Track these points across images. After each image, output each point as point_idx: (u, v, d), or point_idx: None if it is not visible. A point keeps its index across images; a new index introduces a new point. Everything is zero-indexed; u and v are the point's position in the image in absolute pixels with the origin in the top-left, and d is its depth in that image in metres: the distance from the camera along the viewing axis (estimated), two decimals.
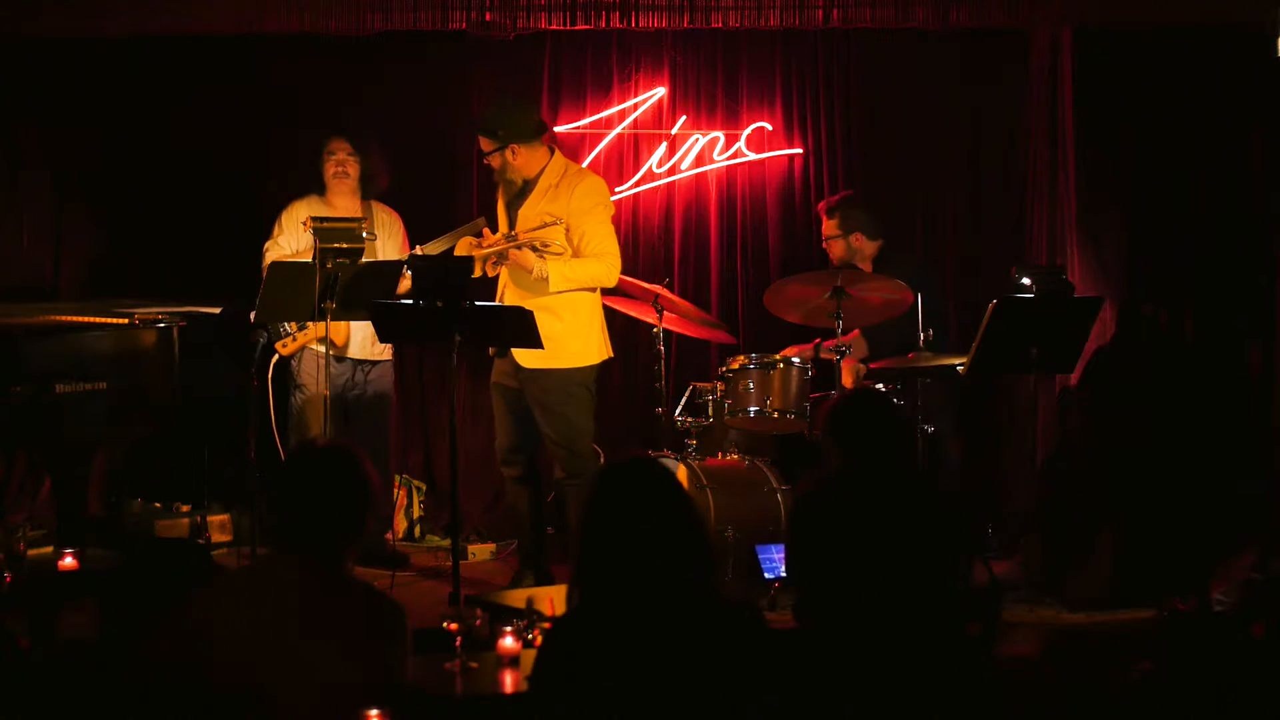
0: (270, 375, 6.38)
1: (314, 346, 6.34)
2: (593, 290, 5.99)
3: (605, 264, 5.93)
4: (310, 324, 6.25)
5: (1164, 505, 6.08)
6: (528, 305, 5.71)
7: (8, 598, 4.63)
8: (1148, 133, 7.17)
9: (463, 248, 5.97)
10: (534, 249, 5.77)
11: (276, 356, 6.42)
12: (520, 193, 5.99)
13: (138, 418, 6.16)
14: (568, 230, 5.88)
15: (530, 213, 5.92)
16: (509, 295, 5.93)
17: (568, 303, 5.91)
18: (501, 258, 5.84)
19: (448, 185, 7.43)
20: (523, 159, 5.95)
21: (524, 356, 5.85)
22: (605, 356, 6.08)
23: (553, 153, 6.04)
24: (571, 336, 5.93)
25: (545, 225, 5.79)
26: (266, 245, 6.53)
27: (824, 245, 6.80)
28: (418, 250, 6.03)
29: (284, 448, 6.37)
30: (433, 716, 3.51)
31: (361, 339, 6.48)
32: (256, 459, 5.84)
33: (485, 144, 5.99)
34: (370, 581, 3.45)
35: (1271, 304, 6.96)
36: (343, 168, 6.54)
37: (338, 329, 6.36)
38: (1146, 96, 7.14)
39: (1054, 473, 6.63)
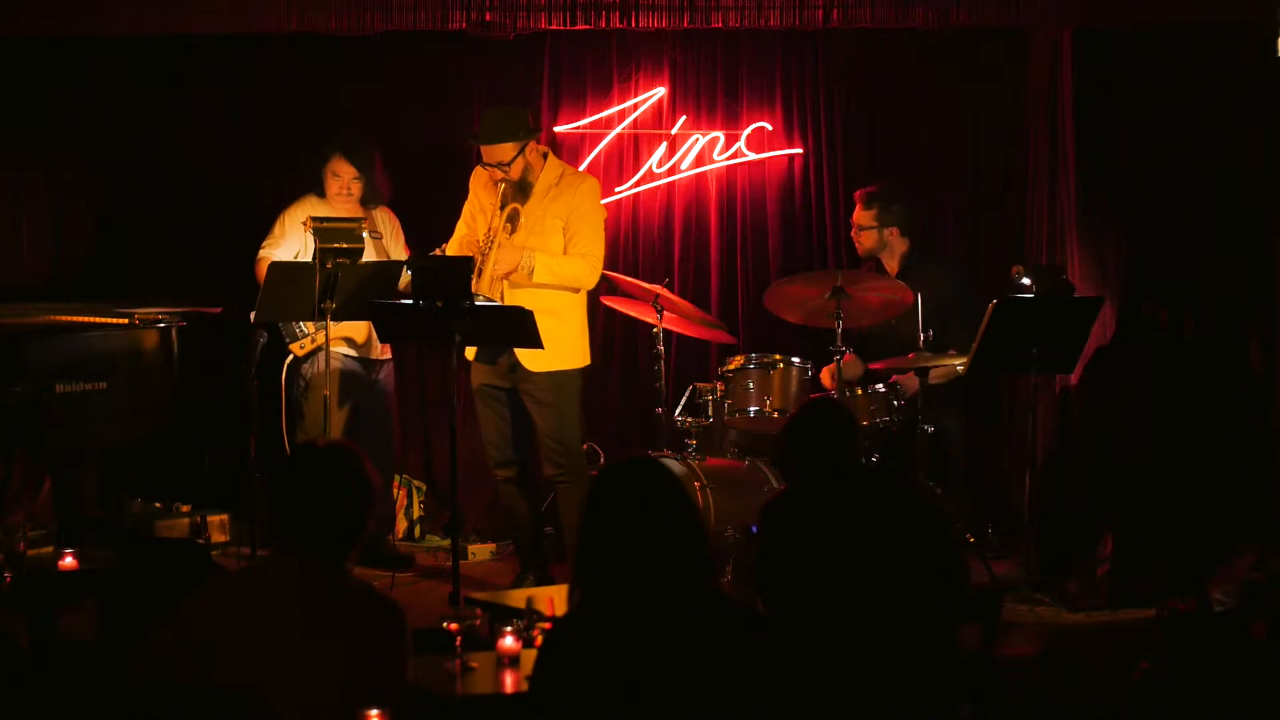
0: (284, 375, 6.38)
1: (335, 348, 6.31)
2: (576, 292, 6.00)
3: (588, 265, 5.95)
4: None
5: (1164, 505, 6.08)
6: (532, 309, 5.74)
7: (8, 598, 4.64)
8: (1148, 133, 7.15)
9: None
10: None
11: (290, 357, 6.41)
12: (520, 199, 5.96)
13: (138, 418, 6.16)
14: (564, 228, 5.90)
15: (535, 211, 5.93)
16: (509, 298, 5.92)
17: (568, 306, 5.96)
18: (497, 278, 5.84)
19: (448, 185, 7.40)
20: (535, 157, 5.95)
21: (529, 359, 5.87)
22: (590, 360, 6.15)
23: (545, 155, 6.05)
24: (573, 339, 6.00)
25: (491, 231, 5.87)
26: (264, 244, 6.50)
27: (853, 234, 6.79)
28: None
29: (291, 447, 6.36)
30: (433, 716, 3.51)
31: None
32: (257, 459, 5.84)
33: (506, 152, 5.85)
34: (370, 581, 3.45)
35: (1271, 304, 6.95)
36: (347, 189, 6.52)
37: (359, 327, 6.36)
38: (1146, 96, 7.12)
39: (1054, 473, 6.63)
